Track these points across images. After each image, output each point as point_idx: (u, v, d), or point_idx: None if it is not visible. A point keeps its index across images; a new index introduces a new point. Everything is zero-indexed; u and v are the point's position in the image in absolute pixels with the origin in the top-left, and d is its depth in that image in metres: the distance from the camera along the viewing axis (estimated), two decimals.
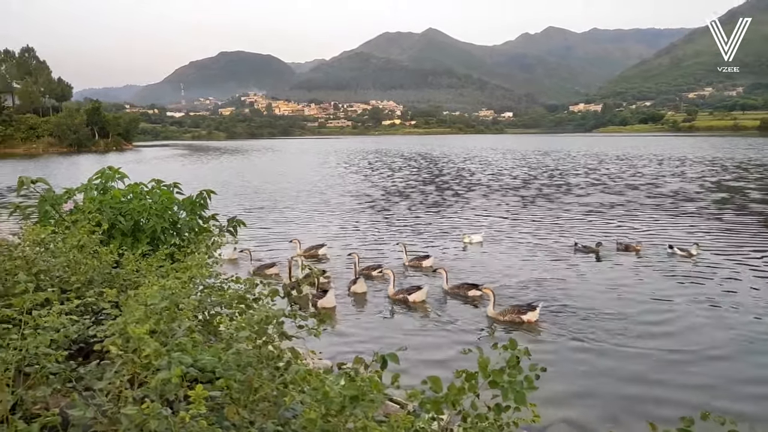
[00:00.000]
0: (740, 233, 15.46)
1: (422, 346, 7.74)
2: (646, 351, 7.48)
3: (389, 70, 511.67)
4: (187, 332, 2.38)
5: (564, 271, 11.74)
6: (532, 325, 8.42)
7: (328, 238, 15.16)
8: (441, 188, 28.33)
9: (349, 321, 8.89)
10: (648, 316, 8.84)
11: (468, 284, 10.16)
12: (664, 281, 10.87)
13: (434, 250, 13.43)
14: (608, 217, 18.53)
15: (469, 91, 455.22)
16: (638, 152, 61.22)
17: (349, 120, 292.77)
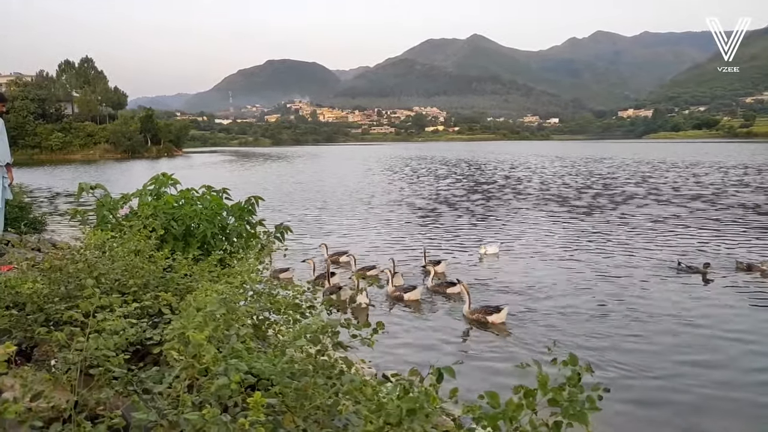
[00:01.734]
0: None
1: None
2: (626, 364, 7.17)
3: (433, 76, 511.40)
4: (243, 338, 2.43)
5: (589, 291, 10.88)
6: (497, 326, 8.75)
7: (365, 244, 15.25)
8: (483, 196, 28.03)
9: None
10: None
11: (448, 282, 10.71)
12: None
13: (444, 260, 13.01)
14: (665, 232, 17.00)
15: (513, 97, 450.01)
16: (697, 159, 59.01)
17: (392, 126, 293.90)
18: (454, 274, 12.11)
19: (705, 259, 12.42)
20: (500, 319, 8.83)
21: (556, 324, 8.89)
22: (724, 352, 7.73)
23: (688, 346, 7.92)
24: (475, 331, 8.77)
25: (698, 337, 8.21)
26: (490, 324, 8.77)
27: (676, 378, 6.95)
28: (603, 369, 7.14)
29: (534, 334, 8.49)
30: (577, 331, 8.54)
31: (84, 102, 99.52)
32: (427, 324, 9.21)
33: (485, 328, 8.92)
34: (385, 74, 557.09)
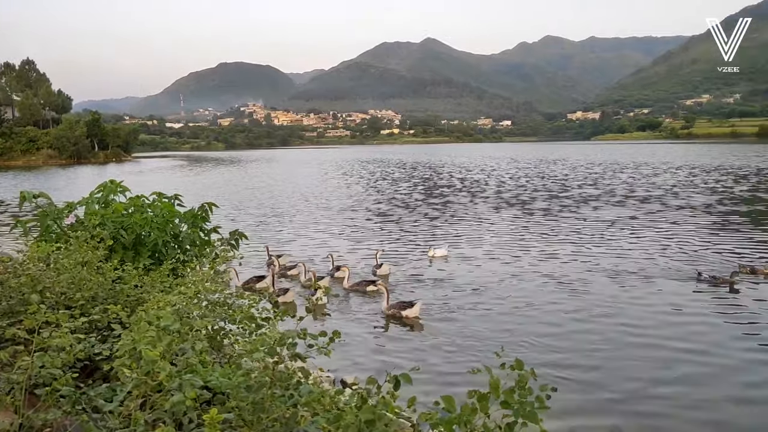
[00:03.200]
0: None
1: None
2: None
3: (387, 79, 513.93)
4: (198, 353, 2.38)
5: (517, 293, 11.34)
6: (411, 320, 9.35)
7: (323, 249, 15.18)
8: (440, 199, 28.35)
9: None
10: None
11: (366, 281, 11.30)
12: None
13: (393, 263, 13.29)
14: (618, 233, 17.26)
15: (467, 100, 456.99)
16: (645, 160, 61.23)
17: (347, 129, 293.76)
18: (403, 275, 12.29)
19: (665, 261, 12.71)
20: (414, 314, 9.48)
21: (499, 324, 9.08)
22: (665, 354, 8.06)
23: (623, 343, 8.25)
24: (425, 333, 8.87)
25: (627, 335, 8.55)
26: (405, 318, 9.45)
27: (609, 369, 7.25)
28: (553, 368, 7.35)
29: (475, 334, 8.67)
30: (523, 331, 8.75)
31: (25, 106, 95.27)
32: (378, 325, 9.34)
33: (401, 322, 9.43)
34: (339, 77, 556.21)
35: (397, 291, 11.17)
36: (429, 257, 13.87)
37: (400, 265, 13.25)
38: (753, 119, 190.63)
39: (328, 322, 9.58)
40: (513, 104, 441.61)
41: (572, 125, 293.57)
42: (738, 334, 8.38)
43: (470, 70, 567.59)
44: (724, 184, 31.50)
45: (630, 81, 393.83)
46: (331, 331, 2.47)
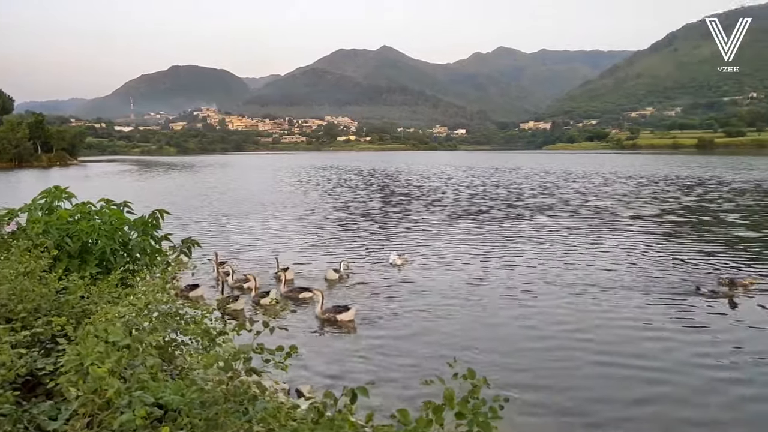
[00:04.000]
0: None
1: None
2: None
3: (344, 86, 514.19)
4: (149, 369, 2.29)
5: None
6: (346, 323, 9.55)
7: (272, 255, 15.02)
8: (398, 206, 28.49)
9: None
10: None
11: (300, 288, 11.50)
12: None
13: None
14: (574, 241, 17.84)
15: (422, 108, 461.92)
16: (595, 169, 63.18)
17: (303, 136, 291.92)
18: (353, 281, 12.30)
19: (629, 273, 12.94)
20: (349, 317, 9.66)
21: (452, 335, 9.16)
22: (617, 371, 8.33)
23: (571, 352, 8.50)
24: (378, 341, 8.87)
25: (572, 341, 8.82)
26: (340, 322, 9.61)
27: (554, 376, 7.45)
28: (501, 373, 7.49)
29: (430, 343, 8.74)
30: (477, 340, 8.89)
31: None
32: (332, 332, 9.32)
33: (336, 325, 9.57)
34: (295, 83, 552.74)
35: (348, 297, 11.17)
36: (391, 264, 13.86)
37: (356, 273, 13.21)
38: (692, 131, 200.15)
39: (275, 331, 9.44)
40: (467, 113, 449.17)
41: (525, 134, 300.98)
42: (701, 351, 8.27)
43: (426, 79, 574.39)
44: (672, 194, 32.57)
45: (579, 93, 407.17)
46: (287, 345, 2.43)
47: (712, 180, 42.80)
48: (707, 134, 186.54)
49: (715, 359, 7.92)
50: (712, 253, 15.10)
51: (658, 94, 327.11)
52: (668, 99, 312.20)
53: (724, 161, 77.26)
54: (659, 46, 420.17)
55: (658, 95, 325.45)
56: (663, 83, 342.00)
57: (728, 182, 40.29)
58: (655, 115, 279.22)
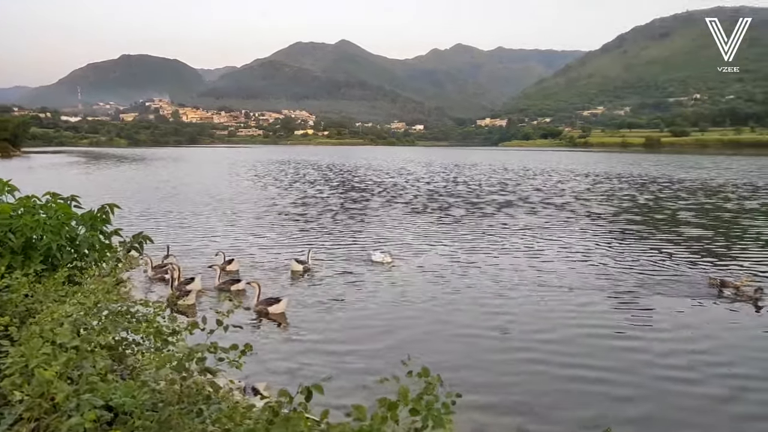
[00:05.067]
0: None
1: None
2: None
3: (302, 79, 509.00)
4: (99, 371, 2.20)
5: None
6: (277, 316, 9.72)
7: (228, 250, 14.79)
8: (356, 201, 28.45)
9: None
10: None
11: (231, 280, 11.63)
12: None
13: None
14: (545, 239, 18.08)
15: (381, 104, 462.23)
16: (552, 166, 64.60)
17: (260, 129, 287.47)
18: (311, 276, 12.24)
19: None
20: (280, 310, 9.86)
21: (407, 332, 9.26)
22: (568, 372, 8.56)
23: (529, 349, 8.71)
24: (339, 337, 8.88)
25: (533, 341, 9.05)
26: (271, 314, 9.77)
27: (513, 374, 7.63)
28: (455, 372, 7.61)
29: (384, 340, 8.83)
30: (432, 337, 9.01)
31: None
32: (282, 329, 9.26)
33: (268, 317, 9.69)
34: (252, 75, 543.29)
35: (309, 291, 11.11)
36: (373, 262, 13.70)
37: (319, 266, 13.13)
38: (640, 130, 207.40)
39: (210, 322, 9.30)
40: (425, 109, 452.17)
41: (481, 131, 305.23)
42: (657, 350, 8.39)
43: (384, 74, 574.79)
44: (628, 192, 33.51)
45: (533, 91, 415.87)
46: (241, 343, 2.40)
47: (664, 178, 44.39)
48: (654, 133, 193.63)
49: (668, 358, 8.03)
50: (670, 252, 15.33)
51: (609, 94, 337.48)
52: (618, 98, 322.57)
53: (672, 160, 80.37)
54: (609, 47, 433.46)
55: (608, 95, 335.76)
56: (613, 83, 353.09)
57: (680, 180, 41.94)
58: (605, 114, 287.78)
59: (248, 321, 9.54)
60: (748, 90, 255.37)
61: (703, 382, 7.35)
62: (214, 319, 2.60)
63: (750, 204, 27.22)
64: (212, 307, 9.89)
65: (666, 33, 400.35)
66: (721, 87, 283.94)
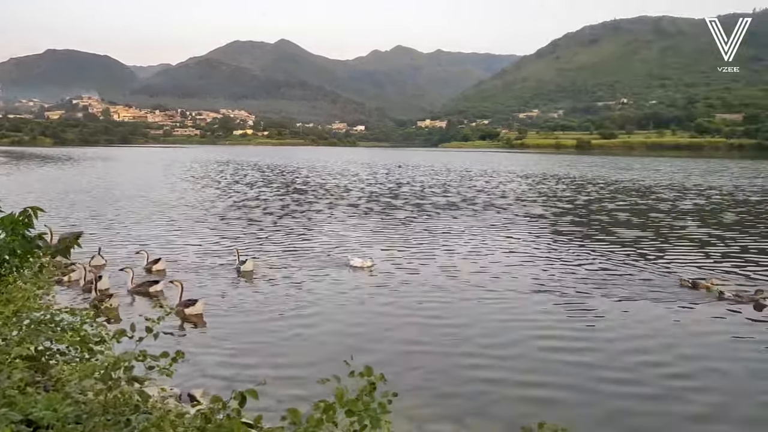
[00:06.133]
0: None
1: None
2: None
3: (240, 78, 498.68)
4: (16, 383, 2.07)
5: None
6: (195, 317, 9.69)
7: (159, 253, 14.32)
8: (298, 202, 28.16)
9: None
10: None
11: (149, 281, 11.44)
12: None
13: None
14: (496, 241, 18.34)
15: (321, 104, 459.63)
16: (493, 167, 66.00)
17: (197, 129, 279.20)
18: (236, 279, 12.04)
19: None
20: (196, 311, 9.80)
21: (348, 335, 9.34)
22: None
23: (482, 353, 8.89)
24: (280, 340, 8.79)
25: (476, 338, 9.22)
26: (188, 316, 9.69)
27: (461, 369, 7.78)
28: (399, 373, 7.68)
29: (325, 342, 8.83)
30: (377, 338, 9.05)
31: None
32: (221, 330, 9.11)
33: (186, 319, 9.59)
34: (188, 73, 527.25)
35: (247, 294, 10.91)
36: (352, 267, 13.47)
37: (257, 272, 12.90)
38: (572, 133, 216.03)
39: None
40: (366, 110, 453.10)
41: (422, 132, 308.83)
42: (592, 349, 8.62)
43: (325, 74, 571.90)
44: (566, 192, 34.48)
45: (472, 93, 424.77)
46: (173, 351, 2.32)
47: (599, 179, 46.07)
48: (585, 135, 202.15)
49: (612, 361, 8.15)
50: (610, 253, 15.62)
51: (543, 97, 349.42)
52: (552, 102, 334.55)
53: (604, 161, 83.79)
54: (544, 53, 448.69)
55: (542, 98, 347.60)
56: (547, 87, 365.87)
57: (614, 181, 43.69)
58: (540, 116, 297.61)
59: (187, 327, 9.26)
60: (670, 95, 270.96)
61: (641, 382, 7.46)
62: (145, 325, 2.50)
63: (683, 205, 28.09)
64: (141, 314, 9.54)
65: (595, 40, 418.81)
66: (645, 92, 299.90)
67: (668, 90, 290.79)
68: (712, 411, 6.83)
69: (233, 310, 10.25)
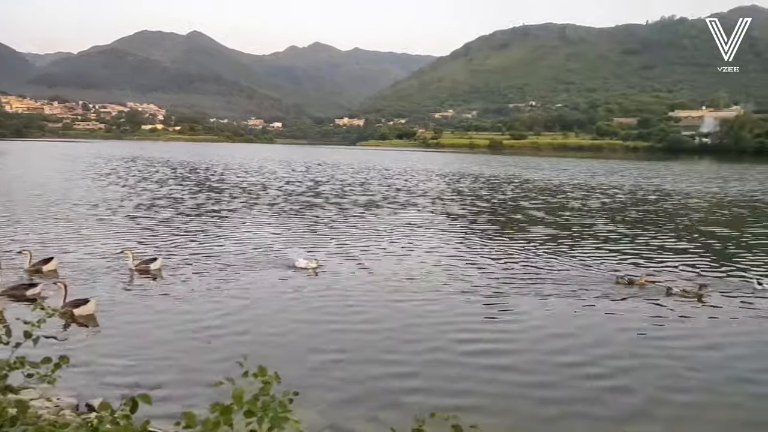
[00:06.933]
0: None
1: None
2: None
3: (149, 70, 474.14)
4: None
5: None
6: (85, 317, 9.35)
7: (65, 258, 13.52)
8: (215, 203, 27.33)
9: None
10: None
11: (25, 284, 10.68)
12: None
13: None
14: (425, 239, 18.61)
15: (237, 99, 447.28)
16: (409, 166, 66.89)
17: (102, 122, 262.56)
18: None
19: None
20: (87, 311, 9.43)
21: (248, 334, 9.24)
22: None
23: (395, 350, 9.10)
24: (183, 342, 8.53)
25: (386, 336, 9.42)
26: (78, 316, 9.29)
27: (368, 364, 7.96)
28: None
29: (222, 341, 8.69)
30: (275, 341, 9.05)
31: None
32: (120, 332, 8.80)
33: (77, 321, 9.17)
34: (91, 63, 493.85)
35: (153, 294, 10.52)
36: (296, 267, 13.07)
37: (157, 274, 12.45)
38: (485, 133, 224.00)
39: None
40: (283, 106, 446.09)
41: (340, 130, 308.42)
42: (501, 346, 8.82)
43: (241, 69, 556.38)
44: (483, 191, 35.16)
45: (389, 92, 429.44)
46: (57, 356, 2.24)
47: (514, 178, 47.52)
48: (497, 136, 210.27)
49: (523, 359, 8.19)
50: (527, 251, 15.89)
51: (458, 98, 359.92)
52: (466, 102, 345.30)
53: (516, 161, 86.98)
54: (458, 54, 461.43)
55: (457, 98, 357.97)
56: (461, 87, 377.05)
57: (527, 180, 45.41)
58: (455, 116, 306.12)
59: (82, 331, 8.79)
60: (573, 99, 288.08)
61: (559, 384, 7.45)
62: (23, 330, 2.35)
63: (592, 203, 29.28)
64: (20, 317, 8.88)
65: (505, 44, 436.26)
66: (552, 96, 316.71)
67: (572, 94, 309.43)
68: (634, 412, 6.79)
69: (135, 312, 9.82)
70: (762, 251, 16.78)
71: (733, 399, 7.25)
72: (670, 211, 27.12)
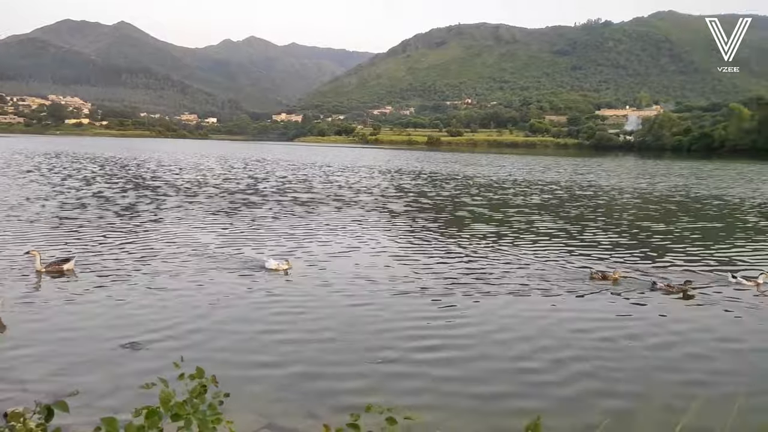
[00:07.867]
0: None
1: None
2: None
3: (73, 62, 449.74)
4: None
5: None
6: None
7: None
8: (149, 202, 26.12)
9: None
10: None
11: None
12: None
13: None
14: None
15: (169, 93, 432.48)
16: (350, 163, 66.58)
17: (20, 116, 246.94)
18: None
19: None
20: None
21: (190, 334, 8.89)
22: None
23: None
24: (113, 347, 7.99)
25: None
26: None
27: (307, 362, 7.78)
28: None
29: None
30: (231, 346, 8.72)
31: None
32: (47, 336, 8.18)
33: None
34: (8, 53, 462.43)
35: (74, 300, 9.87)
36: (268, 269, 12.49)
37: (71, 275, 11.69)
38: (423, 130, 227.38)
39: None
40: (218, 101, 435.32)
41: (277, 126, 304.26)
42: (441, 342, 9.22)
43: (172, 62, 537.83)
44: (428, 188, 35.12)
45: (328, 89, 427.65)
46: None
47: (455, 175, 47.92)
48: (435, 133, 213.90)
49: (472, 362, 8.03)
50: (470, 248, 15.73)
51: (396, 95, 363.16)
52: (404, 99, 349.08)
53: (456, 158, 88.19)
54: (396, 52, 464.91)
55: (395, 95, 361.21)
56: (399, 85, 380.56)
57: (467, 177, 45.95)
58: (393, 113, 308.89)
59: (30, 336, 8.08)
60: (507, 97, 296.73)
61: (499, 381, 7.41)
62: None
63: (534, 200, 29.66)
64: None
65: (442, 42, 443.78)
66: (487, 94, 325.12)
67: (506, 92, 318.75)
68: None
69: (41, 314, 9.18)
70: (693, 244, 17.78)
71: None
72: (608, 206, 28.40)
